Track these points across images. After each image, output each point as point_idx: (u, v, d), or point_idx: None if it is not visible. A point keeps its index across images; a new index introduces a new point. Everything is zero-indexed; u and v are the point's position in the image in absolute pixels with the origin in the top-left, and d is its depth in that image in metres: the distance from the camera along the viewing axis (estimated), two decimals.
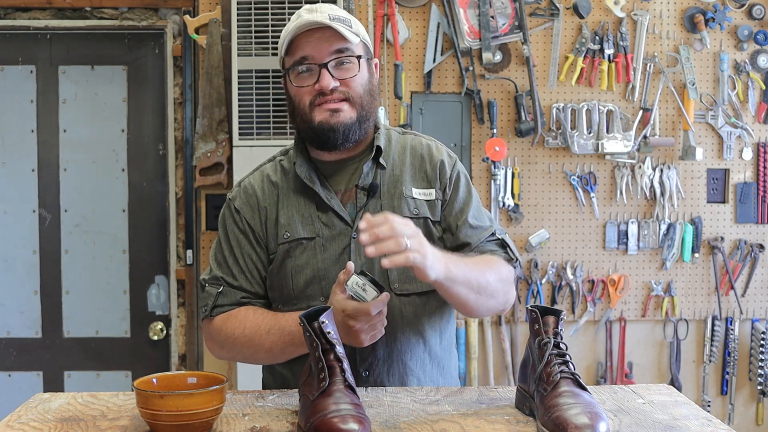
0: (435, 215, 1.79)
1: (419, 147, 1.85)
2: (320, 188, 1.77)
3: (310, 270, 1.75)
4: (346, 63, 1.74)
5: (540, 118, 3.29)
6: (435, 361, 1.82)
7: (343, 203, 1.78)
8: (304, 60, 1.73)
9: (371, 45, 1.82)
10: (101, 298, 3.43)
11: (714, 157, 3.40)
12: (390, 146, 1.84)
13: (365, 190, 1.77)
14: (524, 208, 3.35)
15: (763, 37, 3.37)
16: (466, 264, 1.67)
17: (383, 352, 1.74)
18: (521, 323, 3.39)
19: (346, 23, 1.74)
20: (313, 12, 1.73)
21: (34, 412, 1.52)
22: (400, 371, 1.76)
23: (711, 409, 3.42)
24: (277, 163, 1.87)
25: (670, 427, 1.43)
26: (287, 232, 1.77)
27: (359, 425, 1.32)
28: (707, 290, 3.43)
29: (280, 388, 1.78)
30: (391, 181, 1.80)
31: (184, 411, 1.36)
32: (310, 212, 1.78)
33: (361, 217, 1.72)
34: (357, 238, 1.72)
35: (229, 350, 1.80)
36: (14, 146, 3.42)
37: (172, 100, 3.35)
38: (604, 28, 3.33)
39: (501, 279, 1.75)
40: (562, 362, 1.44)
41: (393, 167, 1.81)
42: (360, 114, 1.75)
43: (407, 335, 1.76)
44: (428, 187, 1.81)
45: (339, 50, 1.72)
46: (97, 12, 3.32)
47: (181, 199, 3.36)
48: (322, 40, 1.72)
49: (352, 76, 1.74)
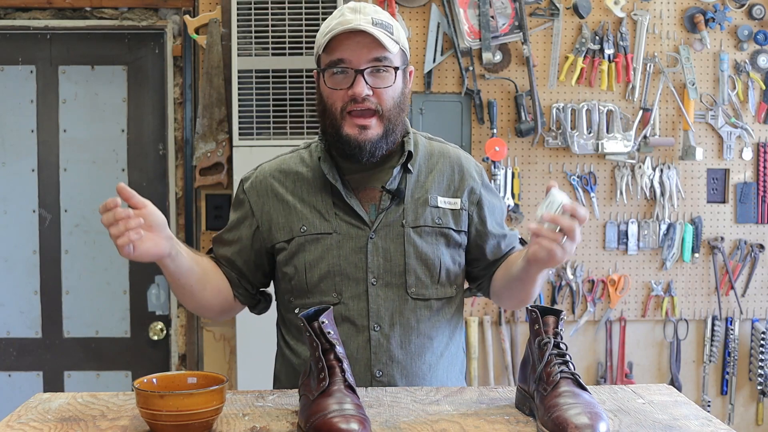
0: (459, 225, 1.81)
1: (447, 155, 1.85)
2: (341, 186, 1.77)
3: (325, 265, 1.75)
4: (382, 72, 1.71)
5: (540, 118, 3.29)
6: (446, 364, 1.83)
7: (362, 202, 1.78)
8: (340, 62, 1.70)
9: (409, 52, 1.81)
10: (101, 298, 3.43)
11: (714, 157, 3.40)
12: (417, 151, 1.83)
13: (390, 193, 1.77)
14: (524, 208, 3.35)
15: (763, 37, 3.37)
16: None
17: (399, 354, 1.75)
18: (521, 323, 3.39)
19: (388, 29, 1.71)
20: (356, 13, 1.70)
21: (34, 412, 1.52)
22: (413, 373, 1.77)
23: (711, 409, 3.42)
24: (297, 156, 1.87)
25: (670, 427, 1.43)
26: (304, 226, 1.78)
27: (359, 425, 1.32)
28: (707, 290, 3.43)
29: (290, 377, 1.80)
30: (416, 186, 1.80)
31: (184, 411, 1.36)
32: (327, 209, 1.78)
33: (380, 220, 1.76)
34: (374, 239, 1.75)
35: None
36: (14, 146, 3.42)
37: (172, 100, 3.35)
38: (604, 28, 3.33)
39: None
40: (562, 362, 1.44)
41: (419, 173, 1.81)
42: (387, 128, 1.73)
43: (422, 339, 1.78)
44: (455, 196, 1.81)
45: (377, 59, 1.70)
46: (97, 12, 3.32)
47: (181, 199, 3.36)
48: (361, 45, 1.69)
49: (387, 87, 1.71)
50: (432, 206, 1.79)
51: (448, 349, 1.84)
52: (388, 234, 1.76)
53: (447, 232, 1.79)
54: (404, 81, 1.78)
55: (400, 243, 1.76)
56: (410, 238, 1.76)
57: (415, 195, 1.79)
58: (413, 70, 1.85)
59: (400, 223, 1.76)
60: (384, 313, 1.75)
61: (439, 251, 1.78)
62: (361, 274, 1.75)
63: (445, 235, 1.79)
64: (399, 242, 1.76)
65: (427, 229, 1.77)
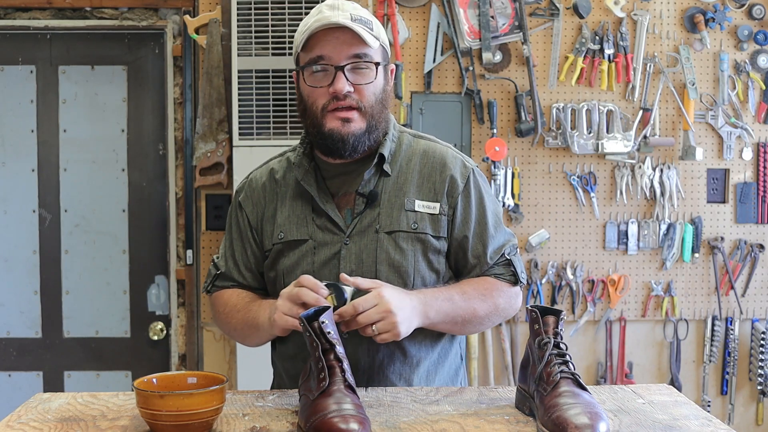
0: (437, 230, 1.74)
1: (432, 155, 1.79)
2: (316, 192, 1.75)
3: (300, 272, 1.71)
4: (363, 68, 1.68)
5: (540, 118, 3.29)
6: (423, 375, 1.76)
7: (340, 207, 1.75)
8: (320, 59, 1.68)
9: (389, 49, 1.78)
10: (101, 298, 3.43)
11: (714, 157, 3.40)
12: (399, 152, 1.78)
13: (364, 197, 1.74)
14: (524, 208, 3.35)
15: (763, 37, 3.37)
16: (453, 302, 1.69)
17: (364, 362, 1.71)
18: (521, 323, 3.39)
19: (367, 25, 1.68)
20: (335, 9, 1.68)
21: (34, 412, 1.52)
22: (380, 382, 1.72)
23: (711, 409, 3.42)
24: (284, 159, 1.85)
25: (670, 427, 1.43)
26: (282, 232, 1.77)
27: (359, 425, 1.32)
28: (707, 290, 3.43)
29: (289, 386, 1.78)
30: (393, 189, 1.75)
31: (184, 411, 1.36)
32: (306, 214, 1.76)
33: (355, 224, 1.73)
34: (349, 245, 1.72)
35: (219, 325, 1.91)
36: (14, 146, 3.42)
37: (172, 100, 3.35)
38: (604, 28, 3.33)
39: (495, 307, 1.75)
40: (562, 362, 1.44)
41: (398, 175, 1.76)
42: (369, 124, 1.71)
43: (390, 348, 1.71)
44: (434, 200, 1.75)
45: (357, 55, 1.68)
46: (97, 12, 3.32)
47: (181, 199, 3.36)
48: (341, 41, 1.66)
49: (368, 83, 1.69)
50: (408, 210, 1.73)
51: (427, 359, 1.76)
52: (362, 239, 1.72)
53: (424, 238, 1.72)
54: (386, 78, 1.75)
55: (373, 249, 1.71)
56: (383, 243, 1.71)
57: (392, 198, 1.74)
58: (394, 68, 1.82)
59: (374, 229, 1.72)
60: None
61: (415, 258, 1.72)
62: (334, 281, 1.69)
63: (422, 240, 1.72)
64: (372, 248, 1.71)
65: (402, 234, 1.72)
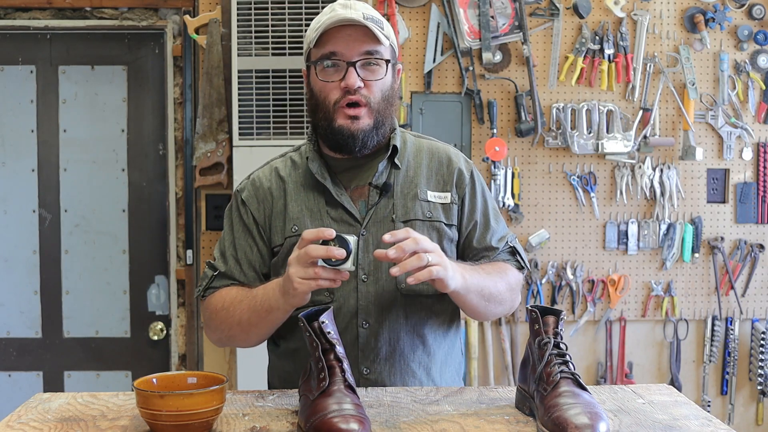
0: (449, 218, 1.81)
1: (436, 151, 1.86)
2: (331, 184, 1.77)
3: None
4: (373, 65, 1.73)
5: (540, 118, 3.29)
6: (438, 364, 1.81)
7: (353, 200, 1.78)
8: (332, 55, 1.72)
9: (397, 50, 1.82)
10: (101, 298, 3.43)
11: (714, 157, 3.40)
12: (405, 148, 1.84)
13: (378, 189, 1.77)
14: (524, 208, 3.35)
15: (763, 37, 3.37)
16: (479, 273, 1.72)
17: (386, 351, 1.74)
18: (521, 323, 3.39)
19: (378, 24, 1.73)
20: (347, 8, 1.73)
21: (34, 412, 1.52)
22: (401, 371, 1.75)
23: (711, 409, 3.42)
24: (287, 159, 1.87)
25: (670, 427, 1.43)
26: (295, 225, 1.78)
27: (359, 425, 1.32)
28: (707, 290, 3.43)
29: (283, 386, 1.78)
30: (405, 182, 1.80)
31: (184, 411, 1.36)
32: (319, 207, 1.78)
33: (371, 215, 1.75)
34: (366, 236, 1.75)
35: (214, 329, 1.80)
36: (14, 146, 3.42)
37: (172, 100, 3.35)
38: (604, 28, 3.33)
39: (510, 287, 1.80)
40: (562, 362, 1.44)
41: (407, 169, 1.82)
42: (377, 120, 1.75)
43: (411, 336, 1.76)
44: (444, 191, 1.82)
45: (369, 51, 1.72)
46: (97, 12, 3.32)
47: (181, 199, 3.36)
48: (353, 38, 1.71)
49: (377, 79, 1.73)
50: (422, 200, 1.79)
51: (441, 349, 1.82)
52: (379, 229, 1.75)
53: (438, 226, 1.79)
54: (393, 76, 1.80)
55: None
56: None
57: (404, 190, 1.79)
58: (401, 69, 1.87)
59: (390, 218, 1.77)
60: (373, 309, 1.74)
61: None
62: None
63: (437, 228, 1.78)
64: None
65: (418, 222, 1.77)
